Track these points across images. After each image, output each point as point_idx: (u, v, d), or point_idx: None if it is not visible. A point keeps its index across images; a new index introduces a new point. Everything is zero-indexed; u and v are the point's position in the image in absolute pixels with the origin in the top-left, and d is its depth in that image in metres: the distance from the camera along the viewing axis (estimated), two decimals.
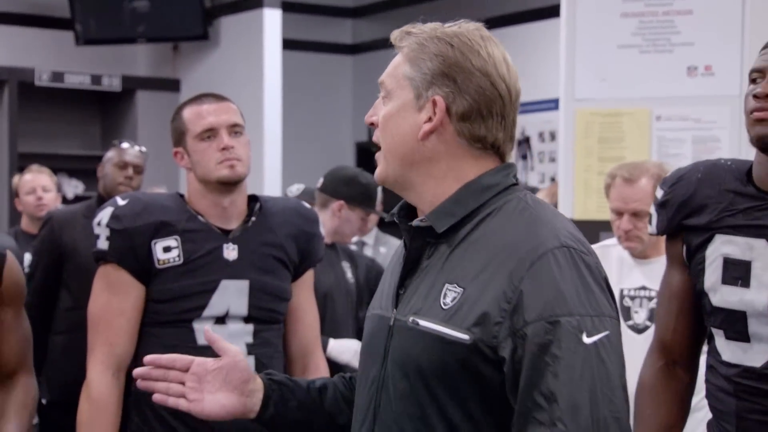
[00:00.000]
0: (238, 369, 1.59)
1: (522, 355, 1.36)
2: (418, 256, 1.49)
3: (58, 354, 3.72)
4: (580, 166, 4.02)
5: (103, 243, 2.32)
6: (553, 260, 1.38)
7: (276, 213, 2.45)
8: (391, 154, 1.49)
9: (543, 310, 1.35)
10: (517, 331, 1.36)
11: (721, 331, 1.95)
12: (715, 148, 3.85)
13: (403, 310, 1.47)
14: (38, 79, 7.35)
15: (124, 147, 3.89)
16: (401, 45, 1.51)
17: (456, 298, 1.41)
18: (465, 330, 1.38)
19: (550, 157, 7.31)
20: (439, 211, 1.47)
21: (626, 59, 3.94)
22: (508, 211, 1.45)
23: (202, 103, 2.40)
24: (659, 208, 2.05)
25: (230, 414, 1.58)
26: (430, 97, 1.46)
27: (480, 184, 1.47)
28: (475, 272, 1.41)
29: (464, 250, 1.44)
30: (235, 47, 7.31)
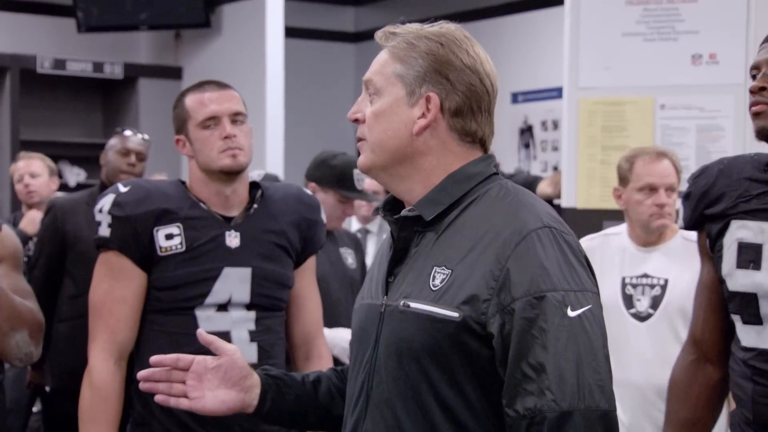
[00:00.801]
0: (237, 366, 1.65)
1: (510, 329, 1.44)
2: (406, 245, 1.57)
3: (62, 342, 3.72)
4: (583, 154, 4.01)
5: (105, 230, 2.32)
6: (537, 240, 1.47)
7: (278, 200, 2.45)
8: (381, 148, 1.56)
9: (530, 287, 1.44)
10: (504, 307, 1.45)
11: (738, 317, 1.99)
12: (719, 137, 3.84)
13: (394, 296, 1.55)
14: (40, 67, 7.34)
15: (127, 134, 3.88)
16: (387, 44, 1.58)
17: (444, 279, 1.49)
18: (454, 308, 1.47)
19: (553, 145, 7.30)
20: (426, 200, 1.55)
21: (630, 47, 3.92)
22: (490, 197, 1.54)
23: (205, 90, 2.39)
24: (684, 201, 2.11)
25: (230, 409, 1.65)
26: (423, 94, 1.54)
27: (464, 174, 1.56)
28: (461, 254, 1.49)
29: (450, 235, 1.52)
30: (238, 35, 7.29)
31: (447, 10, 7.79)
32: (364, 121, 1.58)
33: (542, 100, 7.24)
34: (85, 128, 7.95)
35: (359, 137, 1.60)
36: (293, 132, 7.18)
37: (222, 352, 1.66)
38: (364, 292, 1.65)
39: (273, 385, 1.69)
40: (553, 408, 1.41)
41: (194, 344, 2.30)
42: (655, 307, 3.03)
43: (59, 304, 3.74)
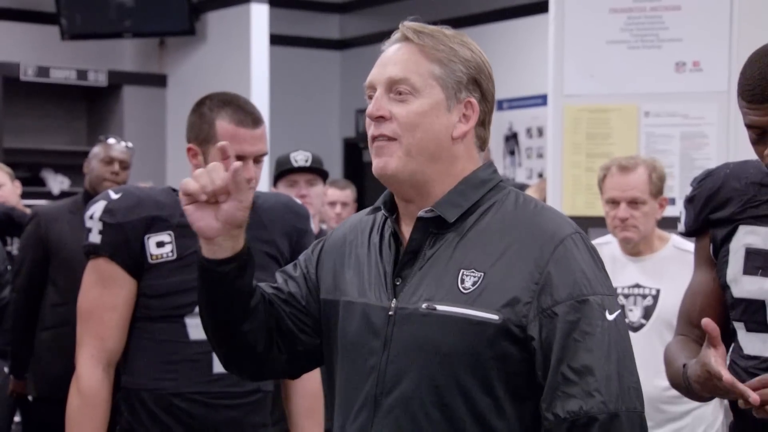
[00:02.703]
0: (236, 218, 1.54)
1: (552, 332, 1.45)
2: (418, 247, 1.55)
3: (45, 350, 3.70)
4: (568, 162, 4.02)
5: (96, 237, 2.30)
6: (573, 244, 1.50)
7: (268, 209, 2.44)
8: (418, 151, 1.53)
9: (572, 290, 1.46)
10: (545, 311, 1.46)
11: (742, 324, 1.95)
12: (703, 144, 3.86)
13: (408, 299, 1.52)
14: (23, 74, 7.31)
15: (111, 143, 3.87)
16: (418, 41, 1.55)
17: (477, 282, 1.48)
18: (494, 311, 1.46)
19: (538, 152, 7.31)
20: (446, 202, 1.54)
21: (614, 55, 3.94)
22: (511, 203, 1.56)
23: (240, 124, 2.26)
24: (687, 204, 2.07)
25: (202, 230, 1.56)
26: (463, 100, 1.55)
27: (478, 179, 1.57)
28: (492, 258, 1.49)
29: (474, 238, 1.52)
30: (222, 42, 7.28)
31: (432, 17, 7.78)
32: (390, 118, 1.54)
33: (527, 107, 7.26)
34: (69, 136, 7.92)
35: (380, 134, 1.54)
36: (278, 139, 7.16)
37: (237, 199, 1.54)
38: (348, 288, 1.60)
39: (243, 262, 1.58)
40: (603, 410, 1.42)
41: (184, 352, 2.31)
42: (648, 317, 3.03)
43: (42, 313, 3.72)
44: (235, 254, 1.57)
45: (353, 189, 4.99)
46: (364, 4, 8.62)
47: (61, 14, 7.31)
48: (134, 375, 2.34)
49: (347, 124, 8.82)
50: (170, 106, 7.69)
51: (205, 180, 1.53)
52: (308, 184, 3.49)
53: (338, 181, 5.04)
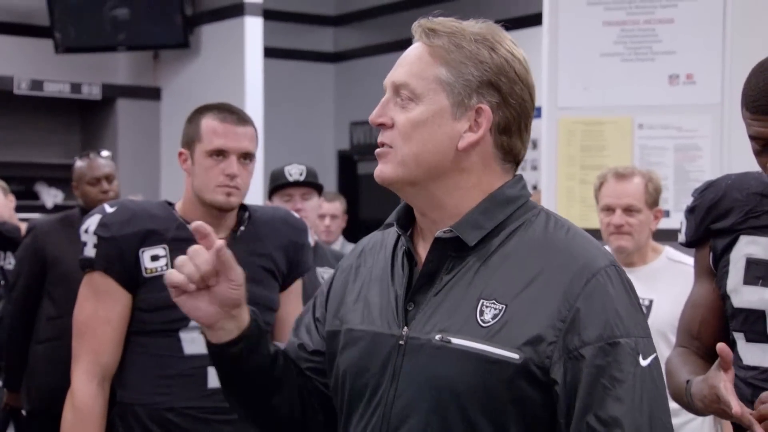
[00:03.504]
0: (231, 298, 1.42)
1: (577, 377, 1.30)
2: (435, 270, 1.40)
3: (40, 363, 3.69)
4: (562, 174, 4.03)
5: (90, 250, 2.30)
6: (607, 279, 1.35)
7: (265, 222, 2.44)
8: (416, 162, 1.39)
9: (603, 331, 1.31)
10: (571, 352, 1.31)
11: (741, 334, 1.95)
12: (696, 157, 3.87)
13: (421, 328, 1.37)
14: (17, 88, 7.30)
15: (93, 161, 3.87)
16: (428, 42, 1.40)
17: (498, 316, 1.33)
18: (514, 349, 1.31)
19: (532, 165, 7.32)
20: (467, 222, 1.39)
21: (608, 67, 3.95)
22: (540, 226, 1.40)
23: (224, 120, 2.33)
24: (688, 215, 2.06)
25: (200, 320, 1.44)
26: (473, 106, 1.38)
27: (505, 196, 1.41)
28: (516, 288, 1.34)
29: (497, 264, 1.37)
30: (216, 55, 7.29)
31: None
32: (391, 126, 1.40)
33: None
34: (62, 149, 7.91)
35: (382, 143, 1.42)
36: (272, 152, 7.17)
37: (229, 279, 1.41)
38: (354, 315, 1.47)
39: (254, 337, 1.46)
40: None
41: (179, 366, 2.30)
42: None
43: (37, 325, 3.71)
44: (241, 333, 1.45)
45: (342, 201, 4.98)
46: (359, 17, 8.64)
47: (55, 27, 7.31)
48: (129, 389, 2.33)
49: (342, 137, 8.83)
50: (164, 119, 7.68)
51: (190, 268, 1.40)
52: (303, 197, 3.49)
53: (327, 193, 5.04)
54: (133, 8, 7.29)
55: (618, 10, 3.96)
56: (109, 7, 7.30)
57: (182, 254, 2.31)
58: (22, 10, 7.61)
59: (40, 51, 7.49)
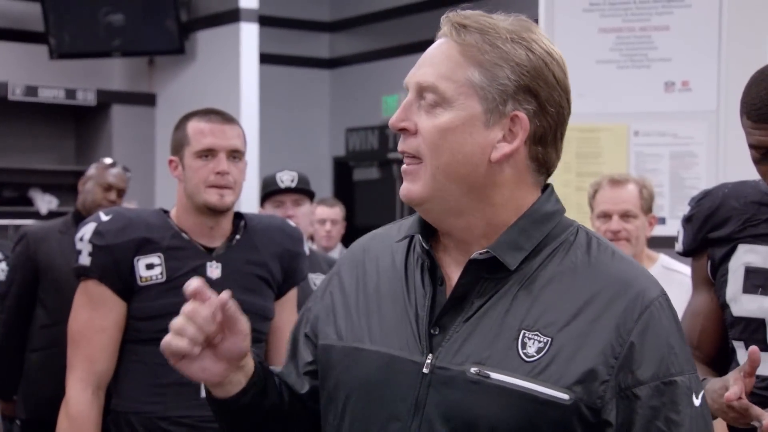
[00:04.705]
0: (238, 350, 1.29)
1: (631, 418, 1.20)
2: (465, 292, 1.26)
3: (34, 372, 3.67)
4: (557, 181, 4.02)
5: (85, 258, 2.30)
6: (660, 310, 1.24)
7: (260, 231, 2.43)
8: (446, 174, 1.24)
9: (659, 369, 1.21)
10: (624, 391, 1.20)
11: (741, 343, 1.94)
12: (692, 164, 3.87)
13: (451, 358, 1.24)
14: (12, 93, 7.29)
15: (110, 167, 3.85)
16: (458, 39, 1.26)
17: (544, 350, 1.20)
18: (564, 389, 1.19)
19: None
20: (505, 243, 1.26)
21: (604, 75, 3.95)
22: (581, 246, 1.28)
23: (210, 120, 2.36)
24: (685, 224, 2.05)
25: (209, 381, 1.30)
26: (508, 114, 1.24)
27: (541, 213, 1.28)
28: (564, 319, 1.22)
29: (539, 290, 1.24)
30: (212, 61, 7.28)
31: (424, 36, 7.82)
32: (414, 132, 1.26)
33: None
34: (57, 155, 7.89)
35: (406, 152, 1.27)
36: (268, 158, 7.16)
37: (235, 333, 1.27)
38: (350, 333, 1.33)
39: (261, 380, 1.35)
40: None
41: (173, 375, 2.29)
42: None
43: (31, 334, 3.69)
44: (249, 380, 1.32)
45: (342, 207, 4.99)
46: (354, 24, 8.64)
47: (50, 33, 7.30)
48: (123, 398, 2.32)
49: (337, 143, 8.82)
50: (159, 125, 7.67)
51: (192, 331, 1.24)
52: (295, 204, 3.49)
53: (327, 199, 5.03)
54: (128, 14, 7.29)
55: (614, 17, 3.96)
56: (103, 13, 7.30)
57: (177, 263, 2.34)
58: (17, 15, 7.60)
59: (34, 57, 7.48)
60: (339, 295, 1.39)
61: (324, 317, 1.39)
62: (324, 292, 1.42)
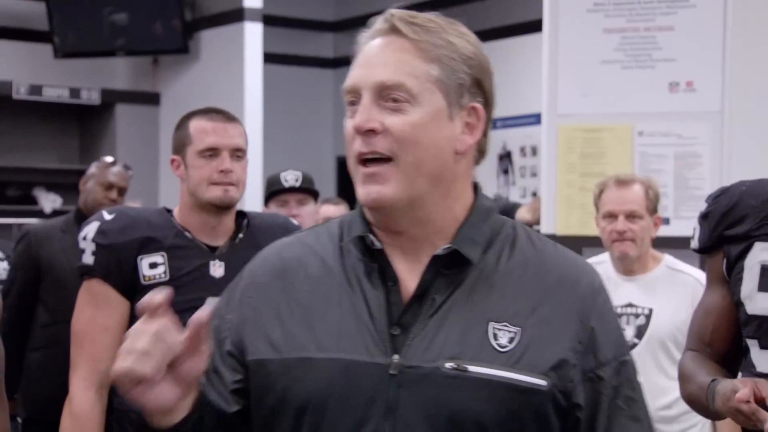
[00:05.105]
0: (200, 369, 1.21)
1: (597, 399, 1.25)
2: (425, 289, 1.27)
3: (35, 371, 3.67)
4: (562, 181, 4.02)
5: (89, 258, 2.30)
6: (606, 295, 1.31)
7: (263, 229, 2.43)
8: (420, 171, 1.25)
9: (615, 350, 1.27)
10: (588, 373, 1.25)
11: (755, 341, 1.93)
12: (696, 164, 3.86)
13: (422, 356, 1.23)
14: (16, 93, 7.29)
15: (110, 166, 3.85)
16: (414, 36, 1.26)
17: (515, 339, 1.23)
18: (541, 375, 1.22)
19: (532, 171, 7.31)
20: (466, 238, 1.27)
21: (608, 75, 3.94)
22: (524, 240, 1.31)
23: (212, 119, 2.37)
24: (702, 221, 2.04)
25: (162, 408, 1.20)
26: (466, 106, 1.27)
27: (485, 208, 1.32)
28: (528, 310, 1.25)
29: (499, 283, 1.27)
30: (216, 61, 7.28)
31: None
32: (381, 132, 1.25)
33: (521, 126, 7.26)
34: (61, 154, 7.90)
35: (372, 152, 1.26)
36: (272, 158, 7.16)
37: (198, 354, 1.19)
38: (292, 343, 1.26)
39: (199, 408, 1.26)
40: None
41: None
42: (640, 337, 3.03)
43: (32, 333, 3.69)
44: (194, 404, 1.23)
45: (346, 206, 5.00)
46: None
47: (54, 32, 7.30)
48: None
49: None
50: (163, 125, 7.67)
51: (160, 354, 1.14)
52: (299, 203, 3.49)
53: (331, 197, 5.03)
54: (133, 13, 7.29)
55: (618, 17, 3.95)
56: (108, 12, 7.30)
57: (180, 262, 2.34)
58: (21, 14, 7.61)
59: (39, 56, 7.49)
60: (264, 306, 1.31)
61: (249, 331, 1.31)
62: (239, 305, 1.33)
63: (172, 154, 2.41)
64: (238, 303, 1.34)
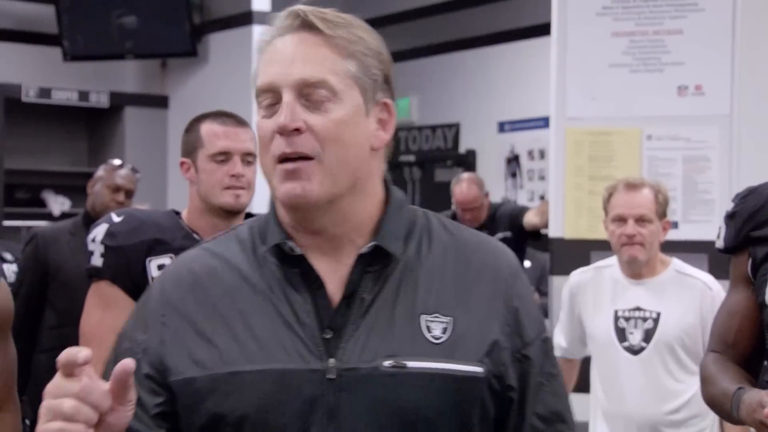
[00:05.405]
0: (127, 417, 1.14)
1: (525, 378, 1.27)
2: (352, 290, 1.25)
3: (42, 373, 3.67)
4: (570, 185, 4.01)
5: (98, 259, 2.30)
6: (524, 275, 1.34)
7: None
8: (344, 169, 1.23)
9: (537, 329, 1.30)
10: (516, 354, 1.27)
11: None
12: (705, 168, 3.85)
13: (359, 357, 1.21)
14: (25, 95, 7.31)
15: (118, 168, 3.86)
16: (333, 33, 1.24)
17: (449, 330, 1.24)
18: (477, 362, 1.23)
19: (540, 175, 7.31)
20: (389, 234, 1.27)
21: (617, 78, 3.94)
22: (439, 229, 1.32)
23: (223, 123, 2.38)
24: (728, 220, 2.02)
25: None
26: (379, 101, 1.27)
27: (399, 200, 1.31)
28: (455, 298, 1.26)
29: (423, 275, 1.26)
30: (224, 64, 7.29)
31: (432, 40, 7.81)
32: (305, 131, 1.22)
33: (529, 129, 7.26)
34: (70, 157, 7.92)
35: (295, 152, 1.21)
36: None
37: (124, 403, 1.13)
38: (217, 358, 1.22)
39: None
40: None
41: None
42: (648, 341, 3.02)
43: (40, 335, 3.69)
44: None
45: None
46: None
47: (63, 35, 7.32)
48: None
49: None
50: (172, 128, 7.69)
51: (88, 413, 1.08)
52: None
53: None
54: (141, 16, 7.30)
55: (627, 21, 3.94)
56: (116, 15, 7.32)
57: None
58: (31, 18, 7.63)
59: (48, 59, 7.51)
60: (182, 324, 1.26)
61: (170, 351, 1.25)
62: (153, 325, 1.28)
63: (181, 156, 2.41)
64: (152, 323, 1.28)
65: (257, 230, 1.31)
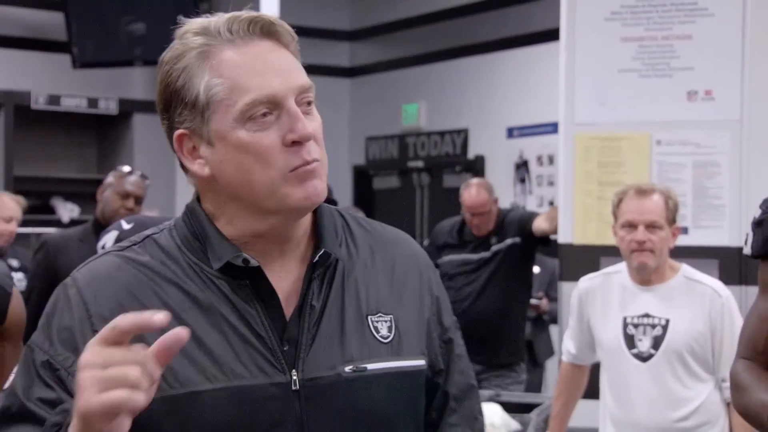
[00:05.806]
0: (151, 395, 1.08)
1: (449, 360, 1.34)
2: (303, 299, 1.23)
3: None
4: (579, 190, 4.00)
5: None
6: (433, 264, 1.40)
7: None
8: (324, 171, 1.26)
9: (451, 313, 1.37)
10: (441, 338, 1.33)
11: None
12: (715, 173, 3.83)
13: (319, 366, 1.20)
14: (35, 102, 7.33)
15: (127, 175, 3.86)
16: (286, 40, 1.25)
17: (393, 327, 1.26)
18: (420, 355, 1.28)
19: (549, 180, 7.29)
20: (327, 237, 1.26)
21: (626, 83, 3.93)
22: (354, 224, 1.33)
23: None
24: (756, 227, 2.01)
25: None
26: None
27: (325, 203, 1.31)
28: (392, 295, 1.28)
29: (359, 275, 1.27)
30: None
31: (441, 46, 7.81)
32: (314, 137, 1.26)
33: (538, 134, 7.24)
34: (79, 164, 7.93)
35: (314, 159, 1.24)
36: None
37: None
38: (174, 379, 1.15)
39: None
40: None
41: None
42: (657, 347, 3.00)
43: None
44: None
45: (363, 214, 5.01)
46: (374, 32, 8.64)
47: (72, 43, 7.34)
48: None
49: (357, 152, 8.82)
50: None
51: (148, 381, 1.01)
52: None
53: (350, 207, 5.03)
54: (150, 23, 7.32)
55: (636, 26, 3.93)
56: (125, 22, 7.34)
57: None
58: (40, 25, 7.65)
59: (57, 66, 7.53)
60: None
61: None
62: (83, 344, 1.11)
63: None
64: (82, 340, 1.15)
65: (186, 241, 1.25)
